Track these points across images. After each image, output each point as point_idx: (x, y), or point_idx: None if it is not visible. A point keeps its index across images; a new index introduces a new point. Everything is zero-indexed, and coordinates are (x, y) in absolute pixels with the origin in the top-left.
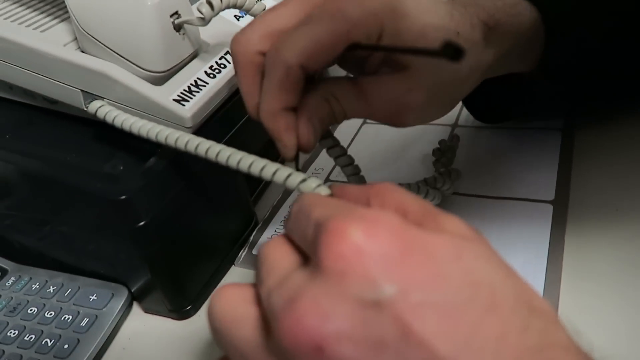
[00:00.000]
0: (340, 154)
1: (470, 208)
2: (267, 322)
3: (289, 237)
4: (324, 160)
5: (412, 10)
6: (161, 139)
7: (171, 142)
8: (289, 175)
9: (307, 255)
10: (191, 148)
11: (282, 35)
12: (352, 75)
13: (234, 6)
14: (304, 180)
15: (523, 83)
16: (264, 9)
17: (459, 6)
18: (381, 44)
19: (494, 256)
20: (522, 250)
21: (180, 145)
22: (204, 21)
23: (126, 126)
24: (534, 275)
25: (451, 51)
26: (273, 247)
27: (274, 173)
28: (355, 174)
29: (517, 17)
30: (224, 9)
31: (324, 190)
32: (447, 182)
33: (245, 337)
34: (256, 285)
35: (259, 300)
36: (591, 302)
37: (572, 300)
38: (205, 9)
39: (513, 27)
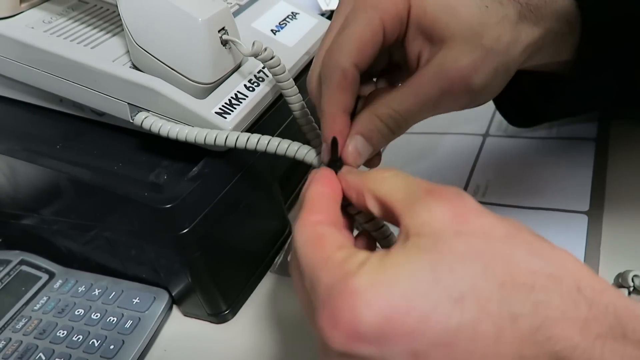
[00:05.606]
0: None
1: None
2: None
3: None
4: None
5: None
6: (200, 139)
7: (220, 142)
8: (298, 149)
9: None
10: (231, 143)
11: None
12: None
13: (262, 59)
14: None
15: (557, 80)
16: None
17: None
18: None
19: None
20: None
21: (231, 143)
22: (244, 49)
23: (172, 134)
24: None
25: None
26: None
27: (287, 148)
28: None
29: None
30: (258, 57)
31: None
32: None
33: None
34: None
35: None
36: None
37: None
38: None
39: (547, 10)
